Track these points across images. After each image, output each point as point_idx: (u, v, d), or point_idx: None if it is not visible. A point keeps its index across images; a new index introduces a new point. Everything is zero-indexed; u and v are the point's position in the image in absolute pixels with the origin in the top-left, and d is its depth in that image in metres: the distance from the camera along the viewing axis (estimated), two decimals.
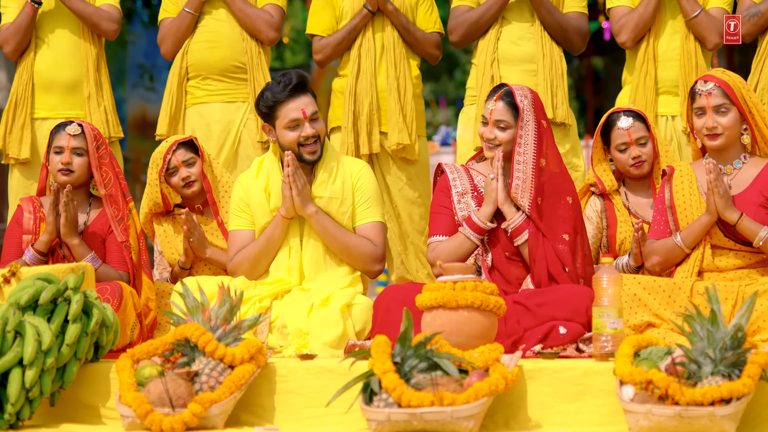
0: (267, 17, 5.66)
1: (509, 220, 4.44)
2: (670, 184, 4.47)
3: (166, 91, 5.75)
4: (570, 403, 3.71)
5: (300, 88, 4.56)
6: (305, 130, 4.56)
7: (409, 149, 5.59)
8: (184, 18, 5.66)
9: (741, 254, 4.37)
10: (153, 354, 3.85)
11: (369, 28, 5.60)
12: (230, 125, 5.66)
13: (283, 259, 4.64)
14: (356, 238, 4.61)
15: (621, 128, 4.80)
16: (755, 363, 3.44)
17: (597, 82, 14.72)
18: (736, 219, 4.27)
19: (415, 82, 5.67)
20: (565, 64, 5.60)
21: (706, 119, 4.38)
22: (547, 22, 5.50)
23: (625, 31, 5.49)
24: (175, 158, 5.00)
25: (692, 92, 4.44)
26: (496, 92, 4.52)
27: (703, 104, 4.38)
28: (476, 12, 5.52)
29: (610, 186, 4.87)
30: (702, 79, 4.42)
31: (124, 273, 4.67)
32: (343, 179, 4.66)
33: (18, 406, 3.74)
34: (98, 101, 5.67)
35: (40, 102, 5.68)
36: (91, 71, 5.67)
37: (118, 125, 5.77)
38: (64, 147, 4.73)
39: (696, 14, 5.40)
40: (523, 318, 4.24)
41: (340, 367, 3.81)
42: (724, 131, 4.37)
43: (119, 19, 5.73)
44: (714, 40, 5.43)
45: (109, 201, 4.69)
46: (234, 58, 5.66)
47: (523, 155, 4.44)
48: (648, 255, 4.45)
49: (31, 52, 5.68)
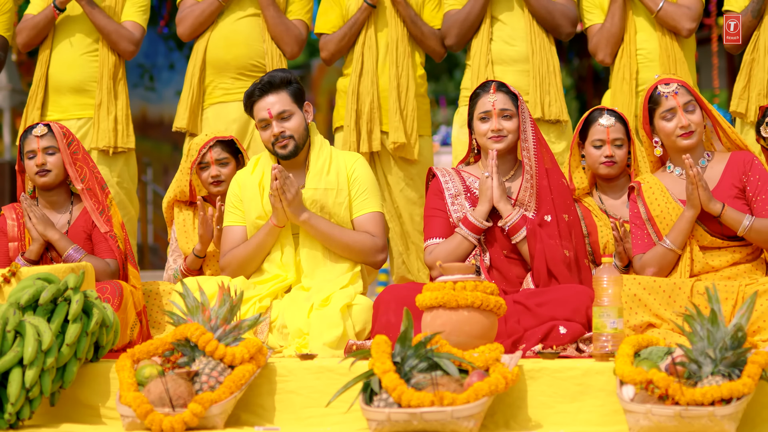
0: (297, 32, 5.68)
1: (506, 217, 4.44)
2: (641, 197, 4.48)
3: (186, 84, 5.73)
4: (570, 403, 3.71)
5: (268, 88, 4.59)
6: (273, 128, 4.58)
7: (408, 149, 5.58)
8: (210, 4, 5.64)
9: (731, 249, 4.39)
10: (153, 354, 3.85)
11: (372, 26, 5.61)
12: (247, 124, 5.66)
13: (277, 256, 4.64)
14: (354, 234, 4.60)
15: (601, 125, 4.76)
16: (755, 363, 3.44)
17: (597, 82, 14.72)
18: (720, 209, 4.30)
19: (419, 81, 5.67)
20: (558, 60, 5.60)
21: (678, 118, 4.41)
22: (533, 6, 5.51)
23: (600, 49, 5.57)
24: (210, 154, 5.00)
25: (653, 97, 4.46)
26: (488, 86, 4.57)
27: (673, 105, 4.41)
28: (463, 11, 5.55)
29: (579, 186, 4.81)
30: (661, 83, 4.46)
31: (112, 261, 4.69)
32: (337, 170, 4.65)
33: (18, 406, 3.74)
34: (109, 109, 5.66)
35: (54, 103, 5.69)
36: (106, 78, 5.66)
37: (130, 135, 5.73)
38: (35, 149, 4.76)
39: (660, 7, 5.43)
40: (523, 318, 4.24)
41: (340, 367, 3.81)
42: (696, 128, 4.43)
43: (139, 40, 5.73)
44: (686, 26, 5.45)
45: (88, 194, 4.72)
46: (251, 57, 5.66)
47: (527, 142, 4.49)
48: (641, 270, 4.43)
49: (47, 49, 5.69)
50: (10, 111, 13.01)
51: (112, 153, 5.67)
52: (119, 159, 5.71)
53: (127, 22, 5.70)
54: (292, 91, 4.62)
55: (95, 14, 5.62)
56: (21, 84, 12.69)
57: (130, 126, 5.75)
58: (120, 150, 5.69)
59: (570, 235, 4.48)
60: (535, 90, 5.50)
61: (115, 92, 5.69)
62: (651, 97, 4.48)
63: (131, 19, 5.71)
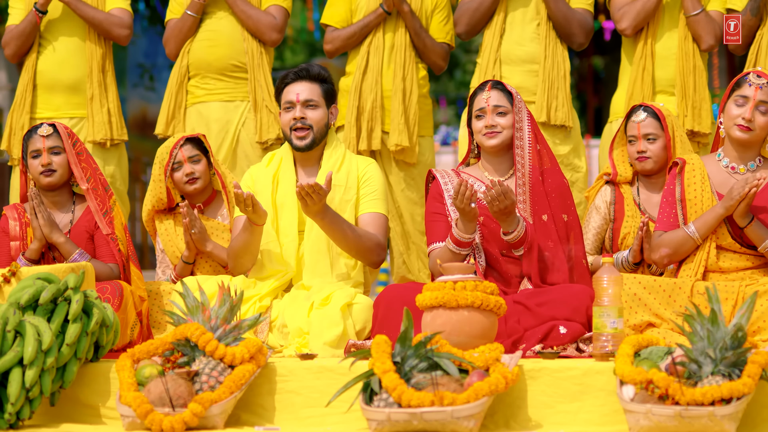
0: (269, 19, 5.67)
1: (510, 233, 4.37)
2: (681, 177, 4.44)
3: (167, 89, 5.76)
4: (570, 402, 3.71)
5: (306, 74, 4.65)
6: (296, 111, 4.60)
7: (408, 152, 5.59)
8: (185, 20, 5.68)
9: (745, 257, 4.37)
10: (153, 354, 3.85)
11: (381, 28, 5.61)
12: (228, 124, 5.66)
13: (278, 253, 4.64)
14: (360, 231, 4.59)
15: (633, 121, 4.82)
16: (755, 363, 3.44)
17: (597, 82, 14.72)
18: (746, 222, 4.27)
19: (422, 83, 5.68)
20: (569, 66, 5.60)
21: (746, 109, 4.35)
22: (552, 11, 5.50)
23: (627, 18, 5.50)
24: (181, 153, 5.00)
25: (740, 80, 4.41)
26: (484, 85, 4.59)
27: (750, 94, 4.35)
28: (476, 0, 5.55)
29: (623, 174, 4.86)
30: (756, 72, 4.40)
31: (114, 266, 4.69)
32: (348, 170, 4.68)
33: (18, 406, 3.74)
34: (101, 102, 5.67)
35: (44, 102, 5.69)
36: (95, 72, 5.67)
37: (123, 128, 5.76)
38: (40, 149, 4.76)
39: (697, 12, 5.41)
40: (524, 318, 4.23)
41: (340, 366, 3.81)
42: (756, 128, 4.36)
43: (131, 24, 5.75)
44: (709, 42, 5.44)
45: (93, 194, 4.71)
46: (233, 57, 5.67)
47: (521, 140, 4.49)
48: (656, 247, 4.41)
49: (34, 53, 5.69)
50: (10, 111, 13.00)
51: (109, 145, 5.67)
52: (113, 152, 5.72)
53: (114, 10, 5.71)
54: (324, 88, 4.67)
55: (81, 7, 5.62)
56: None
57: (122, 118, 5.78)
58: (116, 142, 5.70)
59: (567, 236, 4.48)
60: (543, 93, 5.49)
61: (105, 85, 5.70)
62: (738, 80, 4.42)
63: (117, 5, 5.72)
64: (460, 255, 4.41)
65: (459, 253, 4.40)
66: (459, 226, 4.37)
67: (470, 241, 4.38)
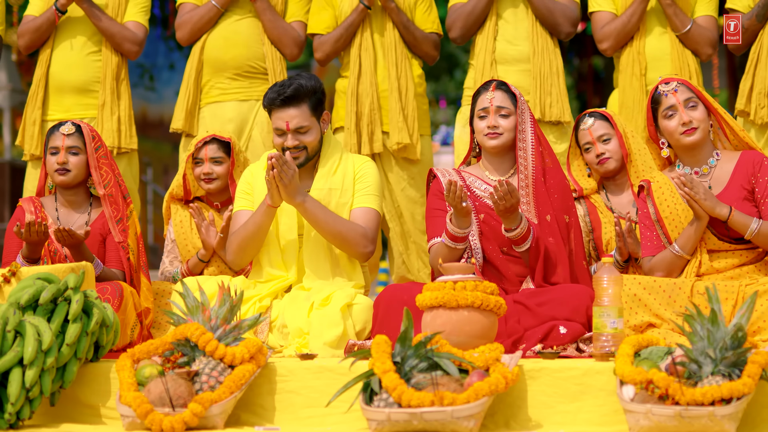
0: (295, 35, 5.69)
1: (513, 230, 4.38)
2: (651, 197, 4.46)
3: (183, 85, 5.74)
4: (570, 402, 3.71)
5: (291, 100, 4.57)
6: (287, 140, 4.59)
7: (410, 149, 5.59)
8: (209, 10, 5.66)
9: (738, 253, 4.38)
10: (153, 354, 3.85)
11: (368, 28, 5.61)
12: (243, 124, 5.67)
13: (276, 256, 4.64)
14: (347, 223, 4.59)
15: (583, 128, 4.88)
16: (755, 363, 3.44)
17: (597, 82, 14.72)
18: (727, 214, 4.28)
19: (418, 81, 5.68)
20: (561, 61, 5.61)
21: (679, 115, 4.39)
22: (533, 3, 5.53)
23: (608, 40, 5.55)
24: (205, 151, 5.01)
25: (654, 97, 4.45)
26: (488, 85, 4.58)
27: (673, 102, 4.40)
28: (469, 5, 5.58)
29: (587, 187, 4.91)
30: (662, 82, 4.46)
31: (119, 272, 4.68)
32: (344, 172, 4.67)
33: (18, 406, 3.74)
34: (112, 110, 5.67)
35: (55, 102, 5.69)
36: (109, 79, 5.67)
37: (133, 136, 5.75)
38: (59, 147, 4.75)
39: (687, 29, 5.42)
40: (524, 317, 4.24)
41: (340, 366, 3.81)
42: (699, 124, 4.39)
43: (142, 41, 5.75)
44: (707, 52, 5.47)
45: (109, 201, 4.70)
46: (249, 58, 5.67)
47: (524, 142, 4.48)
48: (648, 273, 4.42)
49: (48, 49, 5.69)
50: (10, 111, 12.99)
51: (116, 153, 5.67)
52: (122, 160, 5.72)
53: (129, 23, 5.71)
54: (313, 103, 4.61)
55: (97, 16, 5.62)
56: (21, 84, 12.67)
57: (133, 127, 5.77)
58: (123, 150, 5.70)
59: (569, 236, 4.48)
60: (536, 90, 5.51)
61: (118, 93, 5.70)
62: (653, 98, 4.47)
63: (133, 19, 5.72)
64: (457, 250, 4.41)
65: (455, 248, 4.40)
66: (453, 221, 4.37)
67: (464, 236, 4.38)
